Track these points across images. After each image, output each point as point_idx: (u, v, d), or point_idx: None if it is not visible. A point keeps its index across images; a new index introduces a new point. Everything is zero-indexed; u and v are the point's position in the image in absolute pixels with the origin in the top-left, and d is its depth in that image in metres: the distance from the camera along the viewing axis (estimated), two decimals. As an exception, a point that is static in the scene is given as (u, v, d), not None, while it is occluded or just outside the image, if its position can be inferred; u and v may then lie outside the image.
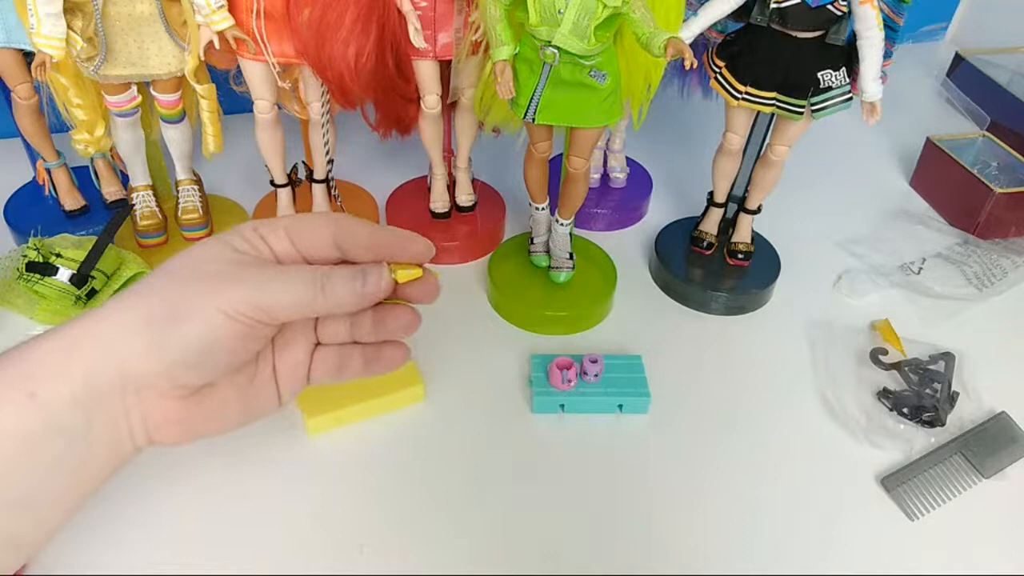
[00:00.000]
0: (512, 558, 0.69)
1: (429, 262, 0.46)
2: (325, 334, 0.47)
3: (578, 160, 0.85)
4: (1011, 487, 0.78)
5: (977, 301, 1.00)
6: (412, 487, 0.74)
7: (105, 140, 0.90)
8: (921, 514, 0.74)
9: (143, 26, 0.81)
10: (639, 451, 0.79)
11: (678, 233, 1.03)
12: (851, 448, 0.80)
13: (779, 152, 0.90)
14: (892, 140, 1.32)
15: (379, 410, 0.79)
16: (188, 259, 0.41)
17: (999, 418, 0.83)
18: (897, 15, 0.80)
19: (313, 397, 0.78)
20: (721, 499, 0.75)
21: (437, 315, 0.93)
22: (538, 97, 0.77)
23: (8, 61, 0.86)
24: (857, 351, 0.90)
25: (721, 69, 0.87)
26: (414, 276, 0.45)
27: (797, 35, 0.81)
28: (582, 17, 0.71)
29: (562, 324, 0.92)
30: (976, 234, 1.10)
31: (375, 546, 0.69)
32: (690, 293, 0.97)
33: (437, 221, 1.03)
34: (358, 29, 0.79)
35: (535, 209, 0.93)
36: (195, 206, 0.97)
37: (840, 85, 0.83)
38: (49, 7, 0.75)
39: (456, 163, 1.02)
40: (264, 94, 0.87)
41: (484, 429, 0.80)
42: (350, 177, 1.10)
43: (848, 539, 0.72)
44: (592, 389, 0.81)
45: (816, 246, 1.08)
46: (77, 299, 0.85)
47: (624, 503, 0.74)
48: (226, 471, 0.74)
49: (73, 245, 0.88)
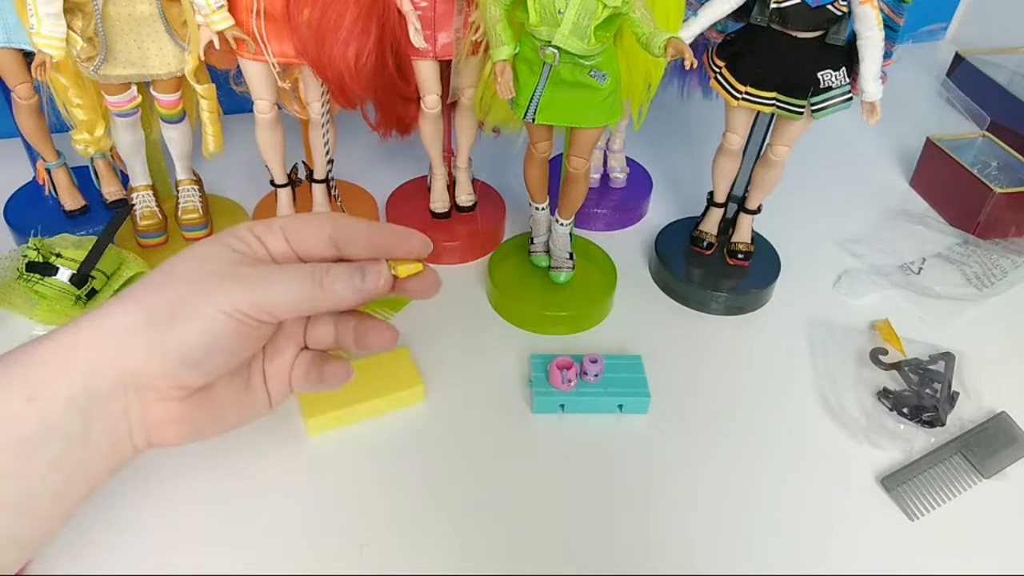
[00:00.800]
0: (512, 558, 0.69)
1: (428, 261, 0.46)
2: (312, 339, 0.47)
3: (578, 160, 0.85)
4: (1011, 487, 0.78)
5: (977, 301, 1.00)
6: (411, 487, 0.74)
7: (105, 140, 0.90)
8: (921, 514, 0.74)
9: (143, 26, 0.81)
10: (639, 451, 0.79)
11: (678, 233, 1.03)
12: (851, 448, 0.80)
13: (779, 152, 0.90)
14: (892, 140, 1.32)
15: (379, 410, 0.79)
16: (187, 260, 0.41)
17: (999, 418, 0.83)
18: (897, 15, 0.80)
19: (313, 397, 0.78)
20: (721, 499, 0.75)
21: (437, 315, 0.94)
22: (538, 97, 0.77)
23: (8, 61, 0.86)
24: (857, 351, 0.90)
25: (721, 69, 0.87)
26: (414, 271, 0.45)
27: (797, 35, 0.81)
28: (582, 17, 0.71)
29: (562, 324, 0.92)
30: (976, 234, 1.10)
31: (375, 545, 0.69)
32: (690, 293, 0.97)
33: (437, 221, 1.03)
34: (358, 29, 0.79)
35: (535, 209, 0.93)
36: (195, 206, 0.97)
37: (840, 85, 0.83)
38: (49, 7, 0.75)
39: (456, 163, 1.02)
40: (264, 94, 0.87)
41: (484, 429, 0.80)
42: (350, 177, 1.10)
43: (848, 539, 0.72)
44: (592, 389, 0.81)
45: (816, 246, 1.08)
46: (77, 299, 0.85)
47: (624, 503, 0.74)
48: (225, 471, 0.74)
49: (73, 245, 0.88)
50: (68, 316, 0.85)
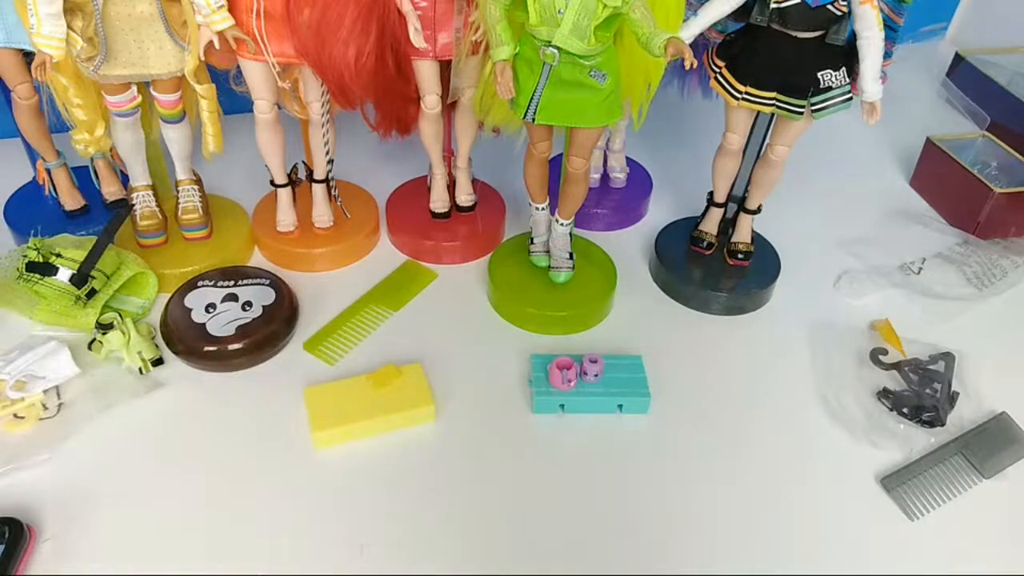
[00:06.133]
0: (512, 557, 0.69)
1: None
2: None
3: (578, 160, 0.85)
4: (1011, 487, 0.78)
5: (977, 301, 1.00)
6: (411, 486, 0.74)
7: (105, 140, 0.90)
8: (921, 514, 0.74)
9: (143, 26, 0.81)
10: (639, 451, 0.79)
11: (678, 233, 1.03)
12: (851, 448, 0.80)
13: (779, 152, 0.90)
14: (892, 140, 1.32)
15: (389, 427, 0.78)
16: None
17: (999, 418, 0.83)
18: (897, 15, 0.80)
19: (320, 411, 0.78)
20: (721, 499, 0.75)
21: (437, 315, 0.94)
22: (538, 97, 0.77)
23: (8, 61, 0.86)
24: (857, 351, 0.90)
25: (721, 69, 0.87)
26: None
27: (797, 35, 0.81)
28: (582, 17, 0.71)
29: (562, 324, 0.92)
30: (976, 234, 1.10)
31: (376, 542, 0.69)
32: (690, 293, 0.97)
33: (437, 221, 1.03)
34: (358, 29, 0.79)
35: (535, 209, 0.93)
36: (195, 206, 0.97)
37: (840, 85, 0.83)
38: (49, 7, 0.75)
39: (456, 163, 1.02)
40: (264, 94, 0.87)
41: (484, 429, 0.80)
42: (350, 177, 1.10)
43: (848, 539, 0.72)
44: (592, 389, 0.81)
45: (816, 246, 1.08)
46: (77, 299, 0.85)
47: (624, 503, 0.74)
48: (231, 479, 0.74)
49: (73, 245, 0.88)
50: (68, 316, 0.85)
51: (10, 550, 0.64)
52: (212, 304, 0.87)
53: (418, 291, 0.96)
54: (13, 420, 0.76)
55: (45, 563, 0.66)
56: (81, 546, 0.67)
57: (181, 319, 0.86)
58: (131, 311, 0.89)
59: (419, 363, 0.83)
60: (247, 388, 0.82)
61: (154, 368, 0.83)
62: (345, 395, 0.79)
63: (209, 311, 0.86)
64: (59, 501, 0.70)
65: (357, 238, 1.01)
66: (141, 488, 0.72)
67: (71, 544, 0.67)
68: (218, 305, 0.87)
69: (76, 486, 0.72)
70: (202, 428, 0.78)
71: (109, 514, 0.70)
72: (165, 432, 0.77)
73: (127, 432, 0.77)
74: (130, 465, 0.74)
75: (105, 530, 0.69)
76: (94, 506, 0.71)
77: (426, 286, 0.97)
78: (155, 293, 0.91)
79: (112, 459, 0.75)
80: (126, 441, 0.76)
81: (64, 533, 0.68)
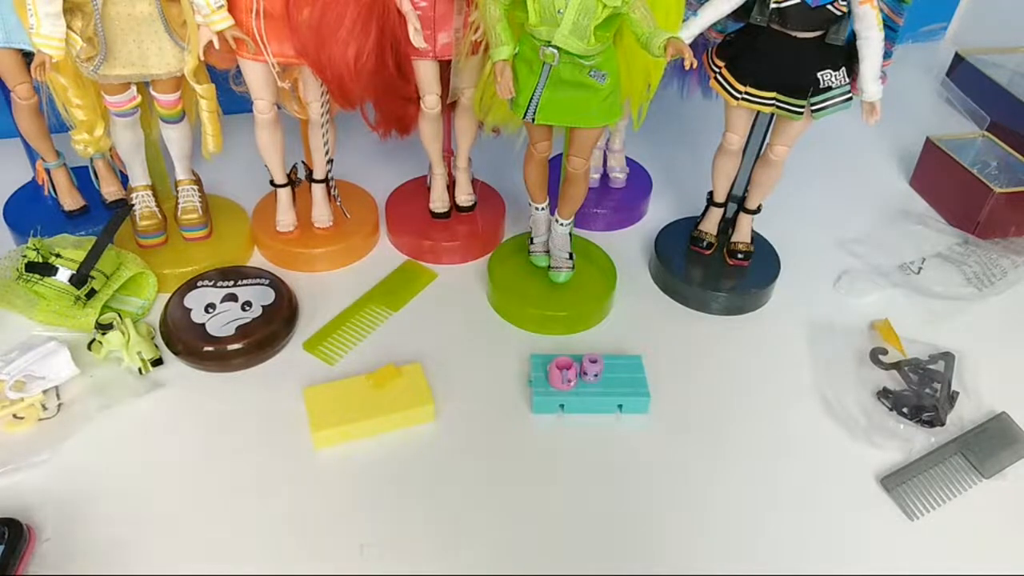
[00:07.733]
0: (512, 557, 0.69)
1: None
2: None
3: (578, 160, 0.85)
4: (1011, 487, 0.78)
5: (977, 301, 1.00)
6: (411, 486, 0.74)
7: (105, 140, 0.90)
8: (921, 514, 0.74)
9: (143, 26, 0.81)
10: (639, 451, 0.79)
11: (678, 233, 1.03)
12: (851, 448, 0.80)
13: (779, 152, 0.90)
14: (892, 140, 1.32)
15: (388, 427, 0.78)
16: None
17: (999, 418, 0.83)
18: (897, 15, 0.80)
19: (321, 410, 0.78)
20: (721, 499, 0.75)
21: (437, 315, 0.94)
22: (538, 97, 0.77)
23: (8, 61, 0.86)
24: (857, 351, 0.90)
25: (721, 69, 0.87)
26: None
27: (797, 35, 0.81)
28: (582, 17, 0.71)
29: (562, 324, 0.92)
30: (976, 234, 1.10)
31: (376, 543, 0.69)
32: (690, 293, 0.97)
33: (437, 221, 1.03)
34: (358, 29, 0.79)
35: (535, 209, 0.93)
36: (195, 206, 0.97)
37: (840, 85, 0.83)
38: (49, 7, 0.75)
39: (456, 163, 1.02)
40: (264, 94, 0.87)
41: (483, 429, 0.80)
42: (350, 177, 1.10)
43: (848, 539, 0.72)
44: (592, 389, 0.81)
45: (816, 246, 1.08)
46: (76, 299, 0.85)
47: (624, 503, 0.74)
48: (231, 480, 0.74)
49: (73, 245, 0.88)
50: (67, 316, 0.85)
51: (10, 550, 0.64)
52: (212, 304, 0.87)
53: (418, 291, 0.96)
54: (13, 420, 0.76)
55: (45, 563, 0.66)
56: (81, 546, 0.67)
57: (181, 319, 0.86)
58: (131, 311, 0.89)
59: (419, 363, 0.83)
60: (247, 388, 0.82)
61: (154, 368, 0.83)
62: (345, 395, 0.79)
63: (209, 311, 0.86)
64: (59, 501, 0.70)
65: (357, 238, 1.01)
66: (141, 488, 0.72)
67: (71, 544, 0.67)
68: (218, 305, 0.87)
69: (76, 486, 0.72)
70: (202, 428, 0.78)
71: (109, 514, 0.70)
72: (165, 432, 0.77)
73: (127, 432, 0.77)
74: (130, 465, 0.74)
75: (105, 530, 0.69)
76: (94, 506, 0.71)
77: (426, 286, 0.97)
78: (155, 293, 0.91)
79: (112, 459, 0.75)
80: (126, 441, 0.76)
81: (64, 533, 0.68)
